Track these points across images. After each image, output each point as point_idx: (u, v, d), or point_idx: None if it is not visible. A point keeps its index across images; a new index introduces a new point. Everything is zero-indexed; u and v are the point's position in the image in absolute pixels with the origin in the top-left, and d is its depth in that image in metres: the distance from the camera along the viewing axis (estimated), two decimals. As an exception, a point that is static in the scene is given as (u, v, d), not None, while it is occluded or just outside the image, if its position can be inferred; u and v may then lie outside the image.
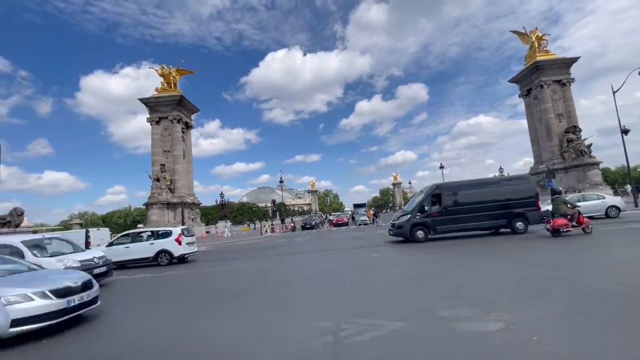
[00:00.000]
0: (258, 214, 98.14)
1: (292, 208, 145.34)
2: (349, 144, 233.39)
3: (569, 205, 12.41)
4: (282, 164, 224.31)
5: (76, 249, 10.51)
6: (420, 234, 14.45)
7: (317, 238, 22.82)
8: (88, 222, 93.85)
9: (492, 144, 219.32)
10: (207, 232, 43.85)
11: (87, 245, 21.86)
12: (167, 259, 13.95)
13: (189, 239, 14.97)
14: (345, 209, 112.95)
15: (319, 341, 3.95)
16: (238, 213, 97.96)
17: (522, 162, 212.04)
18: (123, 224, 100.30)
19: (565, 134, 36.40)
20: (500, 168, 47.04)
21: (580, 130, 35.96)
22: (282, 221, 61.37)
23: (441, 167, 41.62)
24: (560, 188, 16.51)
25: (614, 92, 25.16)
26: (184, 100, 39.74)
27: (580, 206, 13.36)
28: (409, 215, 14.92)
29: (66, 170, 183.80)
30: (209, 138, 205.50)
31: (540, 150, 39.39)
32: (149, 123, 39.09)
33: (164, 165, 37.63)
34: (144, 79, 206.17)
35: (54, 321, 5.28)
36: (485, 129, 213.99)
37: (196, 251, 15.72)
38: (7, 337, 4.89)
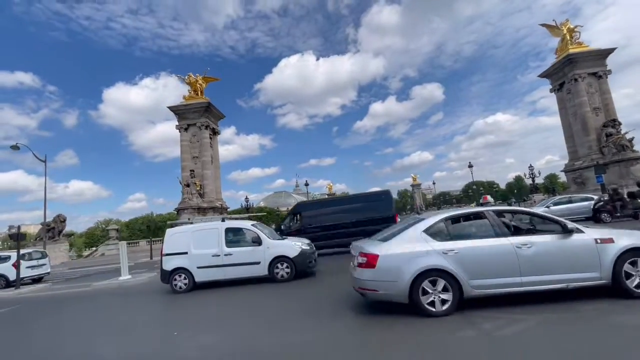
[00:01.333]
0: (278, 218, 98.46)
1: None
2: (364, 147, 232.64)
3: None
4: (297, 168, 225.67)
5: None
6: None
7: None
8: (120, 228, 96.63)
9: (511, 143, 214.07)
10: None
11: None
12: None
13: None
14: None
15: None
16: (259, 217, 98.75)
17: (544, 160, 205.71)
18: (146, 230, 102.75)
19: (603, 128, 34.88)
20: (530, 166, 45.48)
21: (620, 124, 34.42)
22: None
23: (470, 165, 40.52)
24: None
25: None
26: (211, 107, 40.38)
27: None
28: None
29: (90, 179, 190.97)
30: (225, 144, 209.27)
31: (576, 146, 37.88)
32: (178, 130, 39.88)
33: (193, 171, 38.25)
34: (162, 89, 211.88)
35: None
36: (504, 127, 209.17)
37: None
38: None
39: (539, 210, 21.07)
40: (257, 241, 9.45)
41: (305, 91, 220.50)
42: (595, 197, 20.12)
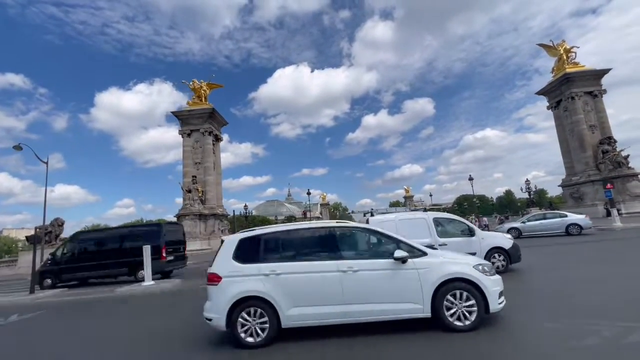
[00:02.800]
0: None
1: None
2: (355, 158, 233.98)
3: None
4: (289, 177, 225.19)
5: None
6: (47, 281, 15.01)
7: None
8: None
9: (499, 158, 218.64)
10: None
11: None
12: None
13: None
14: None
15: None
16: (254, 225, 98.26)
17: (530, 176, 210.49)
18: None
19: (599, 145, 36.06)
20: (527, 181, 46.35)
21: (615, 142, 35.63)
22: None
23: (470, 179, 41.18)
24: None
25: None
26: (215, 113, 40.25)
27: None
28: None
29: (77, 184, 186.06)
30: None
31: (573, 161, 38.96)
32: (181, 135, 39.50)
33: (195, 176, 37.74)
34: (156, 95, 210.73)
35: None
36: (492, 142, 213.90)
37: None
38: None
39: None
40: (469, 232, 9.42)
41: (299, 102, 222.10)
42: (572, 215, 20.58)
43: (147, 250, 12.72)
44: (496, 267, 8.68)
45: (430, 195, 73.16)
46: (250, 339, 4.69)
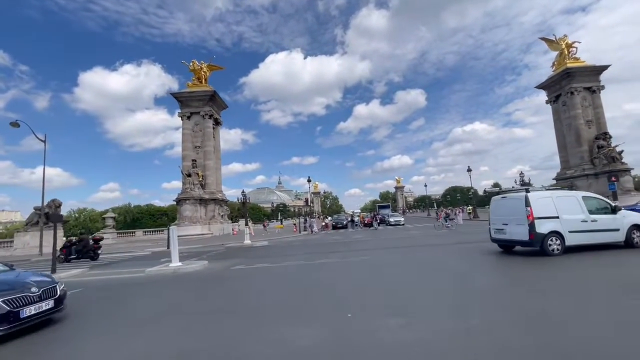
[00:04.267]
0: (261, 214, 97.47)
1: (292, 209, 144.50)
2: (346, 147, 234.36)
3: None
4: (279, 165, 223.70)
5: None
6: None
7: (374, 236, 22.48)
8: (87, 218, 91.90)
9: (486, 151, 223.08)
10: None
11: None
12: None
13: None
14: (345, 212, 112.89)
15: None
16: (251, 210, 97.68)
17: (515, 170, 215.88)
18: (123, 221, 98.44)
19: (595, 140, 37.05)
20: (521, 173, 47.35)
21: (610, 137, 36.66)
22: (281, 221, 64.17)
23: (469, 170, 41.66)
24: None
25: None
26: (216, 96, 39.26)
27: None
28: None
29: (59, 166, 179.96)
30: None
31: (568, 155, 39.95)
32: (180, 117, 38.47)
33: (195, 160, 37.00)
34: (144, 77, 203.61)
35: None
36: (480, 136, 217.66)
37: None
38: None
39: None
40: (611, 210, 10.10)
41: (291, 89, 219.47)
42: None
43: (173, 231, 12.47)
44: (635, 243, 9.90)
45: (425, 186, 73.88)
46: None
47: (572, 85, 38.12)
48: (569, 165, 39.79)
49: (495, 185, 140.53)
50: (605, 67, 38.49)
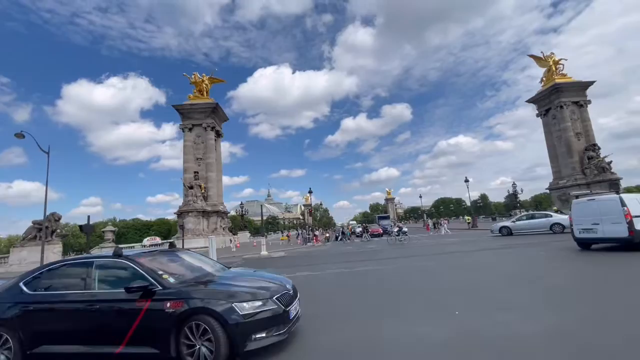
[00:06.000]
0: (251, 227, 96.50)
1: (283, 222, 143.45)
2: (334, 160, 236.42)
3: None
4: (267, 178, 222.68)
5: None
6: None
7: (383, 246, 22.48)
8: (70, 232, 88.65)
9: (470, 164, 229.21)
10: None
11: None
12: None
13: None
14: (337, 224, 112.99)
15: None
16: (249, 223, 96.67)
17: (498, 181, 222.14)
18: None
19: (585, 151, 38.87)
20: (514, 184, 48.80)
21: (599, 148, 38.55)
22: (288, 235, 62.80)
23: (466, 180, 42.80)
24: None
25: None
26: (218, 109, 39.31)
27: None
28: None
29: (38, 180, 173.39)
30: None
31: (560, 166, 41.64)
32: (182, 129, 38.23)
33: (197, 172, 36.66)
34: (130, 90, 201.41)
35: None
36: (464, 148, 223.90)
37: None
38: None
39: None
40: None
41: (279, 102, 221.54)
42: (556, 215, 21.79)
43: (212, 240, 12.37)
44: None
45: (420, 197, 74.95)
46: None
47: (561, 100, 40.12)
48: (561, 176, 41.40)
49: (483, 196, 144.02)
50: (591, 83, 40.79)
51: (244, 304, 3.83)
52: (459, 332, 4.35)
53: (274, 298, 4.12)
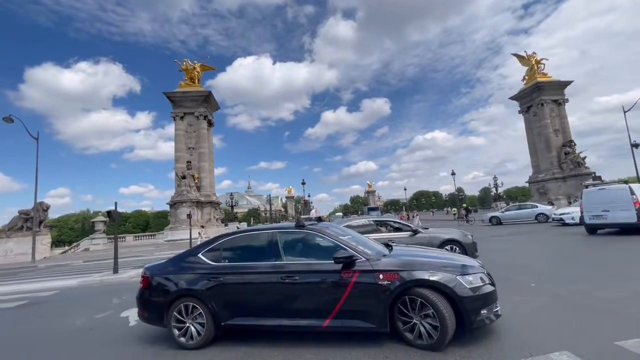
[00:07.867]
0: (234, 219, 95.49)
1: (264, 214, 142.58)
2: (314, 153, 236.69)
3: None
4: (247, 170, 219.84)
5: None
6: None
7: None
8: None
9: (445, 158, 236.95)
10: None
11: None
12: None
13: None
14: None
15: None
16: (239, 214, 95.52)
17: (471, 175, 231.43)
18: (80, 228, 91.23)
19: (562, 147, 41.40)
20: (495, 177, 51.31)
21: (575, 145, 41.17)
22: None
23: (452, 173, 44.65)
24: None
25: (624, 112, 29.65)
26: (211, 97, 38.46)
27: None
28: None
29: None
30: (170, 141, 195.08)
31: (539, 161, 44.14)
32: (173, 118, 37.20)
33: (189, 162, 35.90)
34: (102, 76, 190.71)
35: None
36: (440, 143, 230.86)
37: None
38: None
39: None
40: None
41: (259, 93, 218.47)
42: (541, 206, 24.59)
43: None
44: None
45: (405, 190, 77.14)
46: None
47: (542, 98, 42.35)
48: (539, 170, 43.92)
49: (459, 190, 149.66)
50: (569, 82, 43.28)
51: (468, 276, 3.56)
52: (555, 298, 4.91)
53: (486, 273, 3.87)
